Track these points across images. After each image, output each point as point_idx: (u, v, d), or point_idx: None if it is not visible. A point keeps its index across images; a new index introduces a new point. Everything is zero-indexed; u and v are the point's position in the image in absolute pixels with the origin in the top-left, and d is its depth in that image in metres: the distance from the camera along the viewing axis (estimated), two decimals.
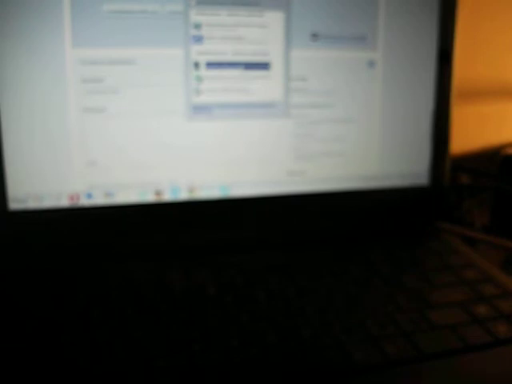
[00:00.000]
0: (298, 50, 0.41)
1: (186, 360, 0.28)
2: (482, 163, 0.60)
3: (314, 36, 0.41)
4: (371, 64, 0.43)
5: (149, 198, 0.40)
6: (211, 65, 0.39)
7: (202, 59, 0.39)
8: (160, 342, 0.29)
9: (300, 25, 0.40)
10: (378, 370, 0.28)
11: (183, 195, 0.40)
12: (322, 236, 0.42)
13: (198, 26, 0.38)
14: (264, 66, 0.40)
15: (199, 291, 0.34)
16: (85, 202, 0.39)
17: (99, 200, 0.39)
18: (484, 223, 0.53)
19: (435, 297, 0.35)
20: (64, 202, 0.38)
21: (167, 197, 0.40)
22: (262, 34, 0.40)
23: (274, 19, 0.40)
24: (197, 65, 0.39)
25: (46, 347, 0.29)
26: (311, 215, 0.43)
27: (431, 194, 0.45)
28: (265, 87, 0.40)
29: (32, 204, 0.38)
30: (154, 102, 0.38)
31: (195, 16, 0.38)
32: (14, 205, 0.37)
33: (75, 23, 0.36)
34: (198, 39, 0.39)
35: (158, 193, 0.40)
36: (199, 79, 0.39)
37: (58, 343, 0.29)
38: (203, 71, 0.39)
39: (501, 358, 0.30)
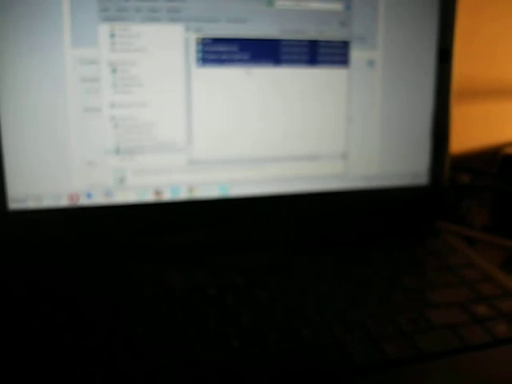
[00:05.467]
0: None
1: (186, 360, 0.28)
2: (481, 163, 0.60)
3: None
4: (371, 64, 0.43)
5: (148, 197, 0.40)
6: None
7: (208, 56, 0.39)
8: (160, 342, 0.29)
9: None
10: (378, 370, 0.28)
11: (183, 195, 0.40)
12: (321, 236, 0.42)
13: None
14: None
15: (199, 291, 0.34)
16: (84, 201, 0.39)
17: (99, 200, 0.39)
18: (484, 223, 0.53)
19: (435, 297, 0.35)
20: (64, 202, 0.38)
21: (167, 196, 0.40)
22: None
23: None
24: (203, 60, 0.39)
25: (45, 347, 0.29)
26: (311, 215, 0.43)
27: (431, 193, 0.45)
28: None
29: (32, 204, 0.38)
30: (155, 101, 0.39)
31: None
32: (13, 205, 0.37)
33: (74, 23, 0.36)
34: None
35: (157, 192, 0.40)
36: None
37: (58, 343, 0.29)
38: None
39: (501, 358, 0.30)
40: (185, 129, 0.39)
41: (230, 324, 0.31)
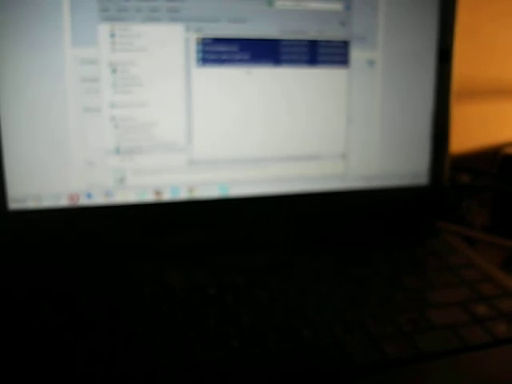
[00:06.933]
0: None
1: (186, 360, 0.28)
2: (481, 163, 0.60)
3: None
4: (371, 64, 0.43)
5: (148, 197, 0.40)
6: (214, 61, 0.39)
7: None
8: (160, 342, 0.29)
9: None
10: (378, 370, 0.28)
11: (183, 195, 0.40)
12: (321, 236, 0.42)
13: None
14: None
15: (199, 291, 0.34)
16: (84, 201, 0.39)
17: (99, 200, 0.39)
18: (484, 223, 0.53)
19: (435, 297, 0.35)
20: (63, 202, 0.38)
21: (167, 196, 0.40)
22: None
23: None
24: (204, 60, 0.39)
25: (46, 347, 0.29)
26: (311, 215, 0.43)
27: (431, 193, 0.45)
28: None
29: (31, 204, 0.38)
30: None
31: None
32: (13, 205, 0.37)
33: (74, 22, 0.36)
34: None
35: (157, 192, 0.40)
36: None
37: (58, 343, 0.29)
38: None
39: (501, 358, 0.30)
40: (185, 129, 0.39)
41: (230, 324, 0.31)
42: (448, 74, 0.44)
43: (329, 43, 0.41)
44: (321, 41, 0.41)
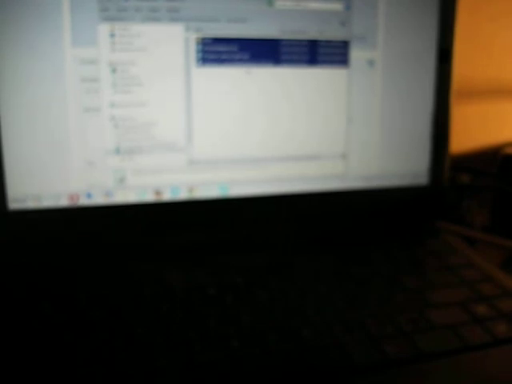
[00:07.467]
0: None
1: (186, 360, 0.28)
2: (481, 163, 0.60)
3: None
4: (371, 64, 0.43)
5: (148, 197, 0.40)
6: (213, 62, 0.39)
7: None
8: (160, 342, 0.29)
9: None
10: (378, 370, 0.28)
11: (183, 195, 0.40)
12: (321, 236, 0.42)
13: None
14: None
15: (199, 291, 0.34)
16: (84, 201, 0.39)
17: (99, 200, 0.39)
18: (484, 223, 0.53)
19: (435, 297, 0.35)
20: (63, 202, 0.38)
21: (167, 196, 0.40)
22: None
23: None
24: (203, 59, 0.39)
25: (46, 347, 0.29)
26: (311, 215, 0.43)
27: (431, 193, 0.45)
28: None
29: (31, 204, 0.38)
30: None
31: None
32: (13, 205, 0.37)
33: (74, 22, 0.36)
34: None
35: (157, 192, 0.40)
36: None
37: (58, 343, 0.29)
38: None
39: (501, 358, 0.30)
40: (185, 129, 0.39)
41: (230, 324, 0.31)
42: (448, 74, 0.44)
43: (329, 43, 0.41)
44: (321, 41, 0.41)
